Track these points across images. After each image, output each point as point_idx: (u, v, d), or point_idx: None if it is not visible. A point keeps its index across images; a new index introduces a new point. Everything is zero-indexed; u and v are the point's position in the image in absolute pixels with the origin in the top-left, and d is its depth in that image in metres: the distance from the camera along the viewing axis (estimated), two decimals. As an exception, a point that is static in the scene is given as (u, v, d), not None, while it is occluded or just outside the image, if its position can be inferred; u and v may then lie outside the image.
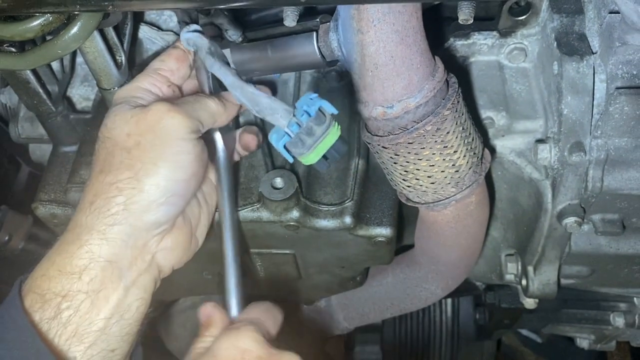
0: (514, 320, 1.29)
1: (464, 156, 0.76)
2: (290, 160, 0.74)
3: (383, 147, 0.76)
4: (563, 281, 1.07)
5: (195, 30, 0.75)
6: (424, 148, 0.74)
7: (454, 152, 0.75)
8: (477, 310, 1.44)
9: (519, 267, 1.05)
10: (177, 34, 0.92)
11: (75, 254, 0.66)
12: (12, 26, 0.58)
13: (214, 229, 0.83)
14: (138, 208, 0.67)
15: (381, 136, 0.75)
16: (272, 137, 0.74)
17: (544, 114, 0.90)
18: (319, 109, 0.72)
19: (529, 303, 1.10)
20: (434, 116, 0.72)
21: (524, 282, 1.03)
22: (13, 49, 0.67)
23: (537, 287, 1.00)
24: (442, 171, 0.76)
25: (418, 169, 0.76)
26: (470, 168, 0.78)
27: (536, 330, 1.63)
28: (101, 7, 0.52)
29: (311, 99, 0.73)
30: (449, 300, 1.50)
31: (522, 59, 0.92)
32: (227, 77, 0.74)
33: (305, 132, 0.72)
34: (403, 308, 1.11)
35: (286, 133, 0.73)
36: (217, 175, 0.79)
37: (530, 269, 1.01)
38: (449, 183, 0.77)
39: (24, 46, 0.66)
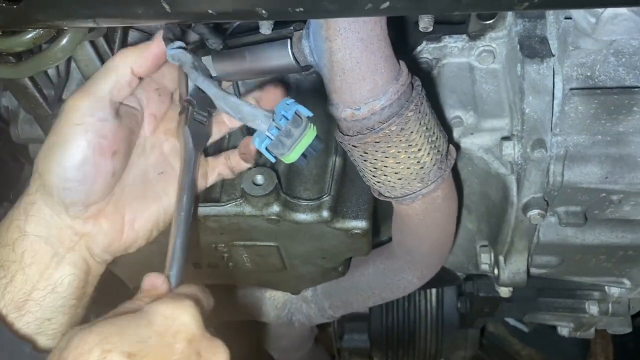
0: (493, 308, 1.35)
1: (428, 154, 0.82)
2: (272, 160, 0.78)
3: (353, 145, 0.81)
4: (535, 271, 1.13)
5: (179, 47, 0.81)
6: (389, 146, 0.79)
7: (418, 150, 0.81)
8: (459, 300, 1.50)
9: (492, 257, 1.11)
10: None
11: (9, 228, 0.74)
12: (7, 40, 0.65)
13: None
14: (45, 190, 0.73)
15: (351, 136, 0.81)
16: (255, 141, 0.79)
17: (510, 113, 0.95)
18: (296, 113, 0.78)
19: (504, 292, 1.16)
20: (398, 117, 0.77)
21: (496, 271, 1.09)
22: (12, 59, 0.73)
23: (508, 275, 1.06)
24: (407, 168, 0.82)
25: (386, 166, 0.82)
26: (434, 165, 0.83)
27: (519, 319, 1.68)
28: (85, 24, 0.58)
29: (288, 104, 0.78)
30: (434, 291, 1.56)
31: (491, 60, 0.97)
32: (211, 89, 0.79)
33: (285, 135, 0.77)
34: (384, 297, 1.17)
35: (267, 136, 0.77)
36: (181, 168, 0.82)
37: (501, 258, 1.06)
38: (415, 179, 0.83)
39: (21, 57, 0.73)
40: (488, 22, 0.95)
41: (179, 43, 0.81)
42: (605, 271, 1.11)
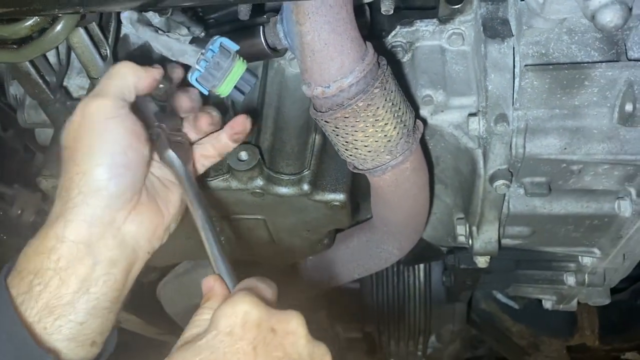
0: (474, 280, 1.41)
1: (395, 127, 0.89)
2: (205, 92, 0.82)
3: (325, 121, 0.89)
4: (509, 241, 1.20)
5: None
6: (358, 121, 0.87)
7: (385, 124, 0.88)
8: (444, 274, 1.57)
9: (467, 229, 1.17)
10: (162, 30, 1.06)
11: (45, 237, 0.74)
12: (8, 27, 0.73)
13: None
14: (90, 188, 0.74)
15: (323, 112, 0.88)
16: (189, 76, 0.83)
17: (477, 91, 1.02)
18: (221, 45, 0.83)
19: (481, 262, 1.23)
20: (364, 94, 0.84)
21: (470, 241, 1.16)
22: (14, 46, 0.82)
23: (480, 245, 1.13)
24: (375, 141, 0.89)
25: (356, 140, 0.89)
26: (401, 138, 0.90)
27: (508, 296, 1.75)
28: (74, 10, 0.66)
29: (214, 39, 0.82)
30: (422, 267, 1.63)
31: (461, 42, 1.04)
32: (146, 34, 0.85)
33: (213, 67, 0.81)
34: (368, 268, 1.24)
35: (197, 69, 0.83)
36: (182, 187, 0.85)
37: (474, 229, 1.13)
38: (383, 151, 0.90)
39: (21, 43, 0.81)
40: (456, 6, 1.02)
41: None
42: (576, 241, 1.18)
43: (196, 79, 0.80)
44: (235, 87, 0.82)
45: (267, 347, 0.65)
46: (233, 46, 0.78)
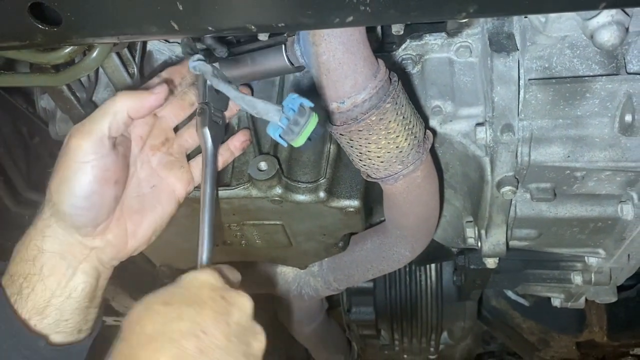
0: (484, 280, 1.47)
1: (406, 139, 0.94)
2: (285, 145, 0.91)
3: (340, 134, 0.95)
4: (517, 243, 1.25)
5: (199, 59, 0.95)
6: (371, 134, 0.92)
7: (397, 136, 0.93)
8: (455, 274, 1.62)
9: (476, 232, 1.23)
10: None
11: (28, 246, 0.86)
12: (48, 55, 0.79)
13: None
14: (58, 216, 0.85)
15: (338, 125, 0.94)
16: (269, 130, 0.91)
17: (484, 101, 1.07)
18: (300, 105, 0.91)
19: (490, 263, 1.28)
20: (377, 109, 0.90)
21: (479, 244, 1.21)
22: (52, 70, 0.88)
23: (489, 247, 1.18)
24: (388, 152, 0.94)
25: (369, 151, 0.95)
26: (412, 149, 0.96)
27: (519, 294, 1.79)
28: (110, 40, 0.72)
29: (293, 98, 0.91)
30: (433, 266, 1.68)
31: (468, 54, 1.09)
32: (230, 92, 0.93)
33: (293, 123, 0.89)
34: (381, 269, 1.30)
35: (279, 126, 0.91)
36: (203, 163, 0.96)
37: (483, 232, 1.18)
38: (395, 161, 0.96)
39: (59, 68, 0.87)
40: (464, 20, 1.07)
41: (198, 56, 0.94)
42: (581, 242, 1.23)
43: (279, 135, 0.88)
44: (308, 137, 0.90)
45: (214, 304, 0.78)
46: (308, 103, 0.86)
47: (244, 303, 0.81)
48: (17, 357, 0.82)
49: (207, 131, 0.95)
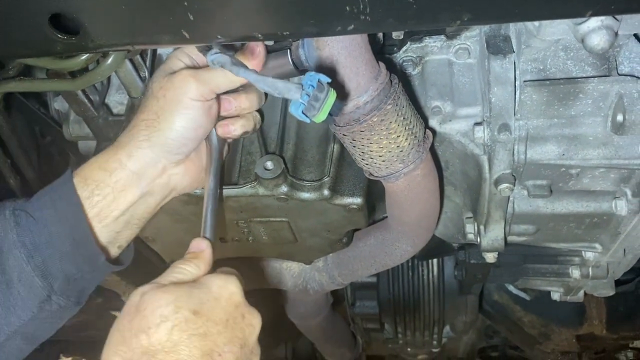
0: (484, 274, 1.51)
1: (406, 139, 0.98)
2: (308, 121, 0.92)
3: (343, 134, 0.99)
4: (516, 238, 1.29)
5: (217, 52, 0.98)
6: (373, 134, 0.96)
7: (397, 136, 0.97)
8: (456, 268, 1.66)
9: (475, 227, 1.27)
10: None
11: (111, 159, 0.91)
12: (65, 62, 0.84)
13: None
14: (158, 141, 0.91)
15: (341, 126, 0.98)
16: (291, 109, 0.93)
17: (482, 102, 1.10)
18: (319, 81, 0.94)
19: (489, 257, 1.32)
20: (378, 110, 0.94)
21: (478, 239, 1.25)
22: (69, 76, 0.93)
23: (488, 242, 1.22)
24: (389, 152, 0.98)
25: (371, 151, 0.99)
26: (412, 148, 1.00)
27: (520, 288, 1.83)
28: (125, 48, 0.76)
29: (311, 75, 0.93)
30: (435, 261, 1.72)
31: (467, 56, 1.13)
32: (251, 76, 0.96)
33: (314, 99, 0.93)
34: (384, 264, 1.34)
35: (301, 103, 0.94)
36: (208, 158, 1.01)
37: (482, 228, 1.22)
38: (396, 160, 1.00)
39: (75, 74, 0.92)
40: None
41: (215, 49, 0.98)
42: (578, 237, 1.26)
43: (302, 112, 0.91)
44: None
45: (235, 325, 0.80)
46: (325, 79, 0.89)
47: (256, 325, 0.84)
48: (71, 267, 0.86)
49: (213, 131, 0.99)
